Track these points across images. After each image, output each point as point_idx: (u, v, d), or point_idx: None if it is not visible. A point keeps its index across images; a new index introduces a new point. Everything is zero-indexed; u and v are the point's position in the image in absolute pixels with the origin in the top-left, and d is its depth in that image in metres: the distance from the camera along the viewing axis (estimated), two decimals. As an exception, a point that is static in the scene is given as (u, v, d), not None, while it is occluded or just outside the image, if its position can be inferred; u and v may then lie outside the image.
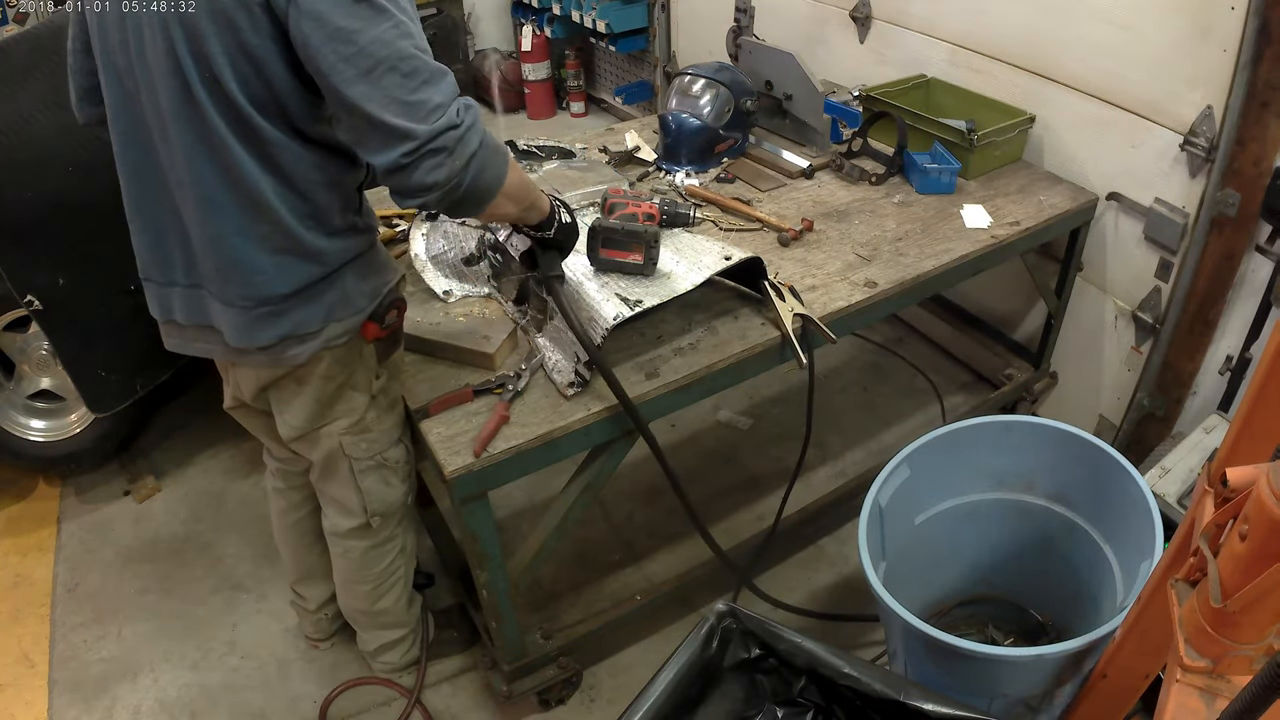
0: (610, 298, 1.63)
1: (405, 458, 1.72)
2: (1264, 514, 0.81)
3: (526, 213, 1.41)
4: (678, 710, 1.31)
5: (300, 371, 1.47)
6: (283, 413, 1.56)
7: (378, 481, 1.69)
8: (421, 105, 1.13)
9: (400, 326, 1.58)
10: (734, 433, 2.80)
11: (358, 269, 1.43)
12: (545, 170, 2.11)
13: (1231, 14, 1.84)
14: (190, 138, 1.22)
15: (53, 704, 2.11)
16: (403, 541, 1.87)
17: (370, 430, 1.60)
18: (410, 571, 1.96)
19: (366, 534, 1.77)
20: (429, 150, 1.13)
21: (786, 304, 1.78)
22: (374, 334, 1.49)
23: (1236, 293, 2.08)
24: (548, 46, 4.90)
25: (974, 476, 1.91)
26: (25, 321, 2.50)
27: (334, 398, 1.53)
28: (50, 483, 2.75)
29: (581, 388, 1.62)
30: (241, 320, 1.36)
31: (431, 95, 1.14)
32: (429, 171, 1.14)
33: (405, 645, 2.05)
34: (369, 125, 1.13)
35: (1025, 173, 2.40)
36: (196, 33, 1.14)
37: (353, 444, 1.60)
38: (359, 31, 1.10)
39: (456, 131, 1.15)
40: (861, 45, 2.91)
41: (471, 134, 1.16)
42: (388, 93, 1.12)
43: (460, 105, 1.17)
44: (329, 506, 1.78)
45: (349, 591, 1.92)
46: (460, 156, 1.16)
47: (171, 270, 1.39)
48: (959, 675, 1.59)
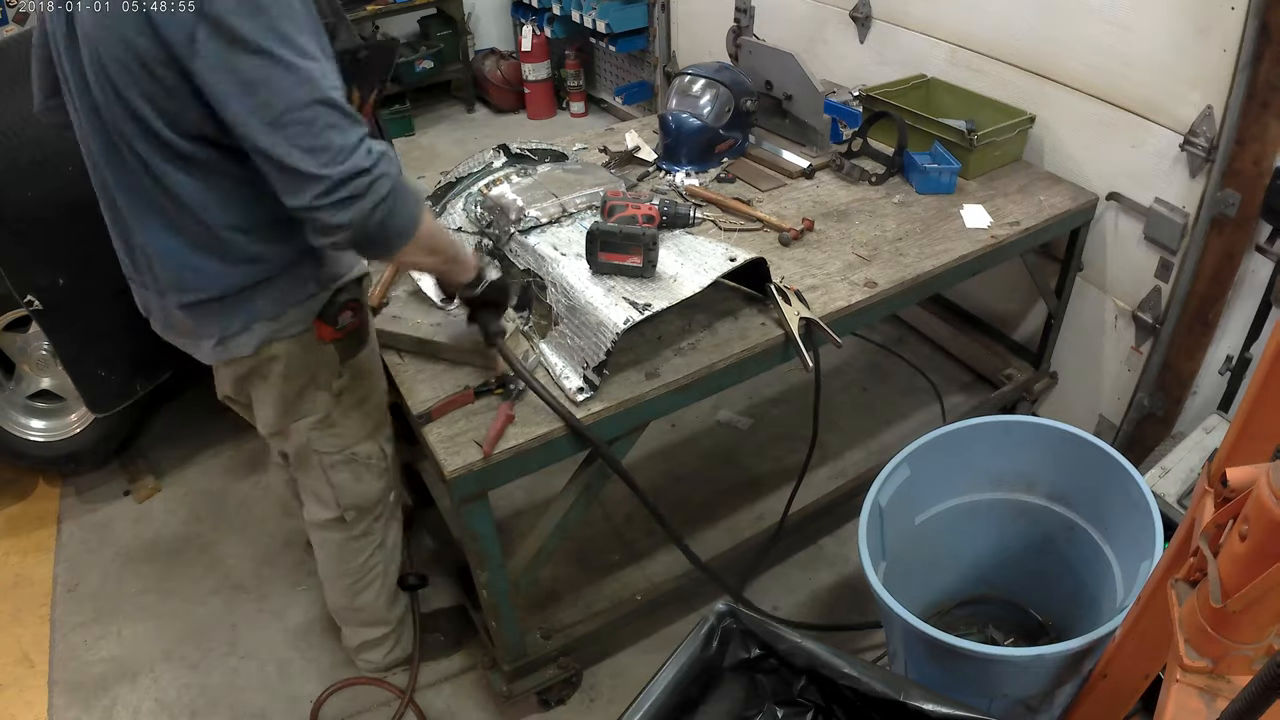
0: (618, 301, 1.63)
1: (379, 455, 1.75)
2: (1264, 514, 0.81)
3: (448, 265, 1.46)
4: (678, 710, 1.31)
5: (263, 369, 1.52)
6: (257, 409, 1.63)
7: (349, 477, 1.72)
8: (327, 149, 1.16)
9: (360, 327, 1.60)
10: (734, 433, 2.80)
11: (302, 270, 1.45)
12: (540, 174, 2.10)
13: (1231, 14, 1.84)
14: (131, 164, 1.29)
15: (53, 704, 2.11)
16: (381, 538, 1.88)
17: (336, 426, 1.64)
18: (392, 570, 1.96)
19: (342, 527, 1.81)
20: (337, 193, 1.17)
21: (792, 307, 1.78)
22: (329, 335, 1.52)
23: (1236, 293, 2.08)
24: (548, 46, 4.90)
25: (974, 476, 1.91)
26: (25, 321, 2.50)
27: (298, 396, 1.58)
28: (50, 483, 2.76)
29: (592, 394, 1.62)
30: (196, 318, 1.43)
31: (335, 139, 1.16)
32: (336, 212, 1.18)
33: (387, 645, 2.06)
34: (279, 170, 1.17)
35: (1025, 173, 2.40)
36: (113, 81, 1.21)
37: (319, 439, 1.65)
38: (261, 84, 1.13)
39: (365, 177, 1.18)
40: (861, 45, 2.91)
41: (382, 180, 1.19)
42: (293, 140, 1.15)
43: (371, 150, 1.19)
44: (306, 496, 1.81)
45: (329, 585, 1.95)
46: (369, 200, 1.19)
47: (143, 275, 1.46)
48: (959, 675, 1.59)
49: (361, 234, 1.22)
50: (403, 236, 1.28)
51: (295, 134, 1.15)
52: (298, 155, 1.15)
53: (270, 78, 1.13)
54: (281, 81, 1.14)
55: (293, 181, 1.18)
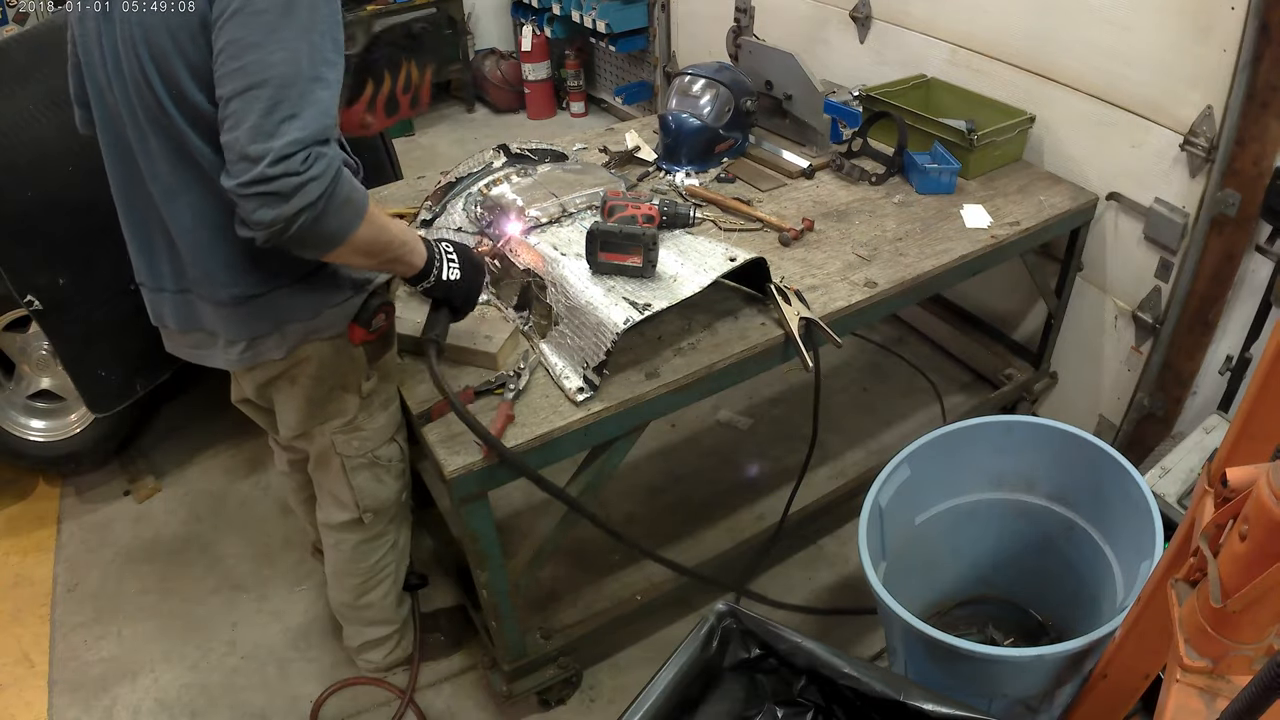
0: (618, 302, 1.63)
1: (399, 456, 1.75)
2: (1264, 514, 0.81)
3: (390, 265, 1.39)
4: (678, 710, 1.31)
5: (293, 372, 1.51)
6: (281, 413, 1.61)
7: (370, 479, 1.72)
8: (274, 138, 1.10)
9: (389, 329, 1.59)
10: (734, 433, 2.79)
11: (337, 272, 1.45)
12: (540, 174, 2.10)
13: (1231, 14, 1.84)
14: (167, 148, 1.27)
15: (53, 704, 2.11)
16: (394, 538, 1.89)
17: (362, 429, 1.64)
18: (401, 570, 1.97)
19: (359, 529, 1.81)
20: (265, 188, 1.10)
21: (792, 307, 1.78)
22: (360, 338, 1.50)
23: (1236, 293, 2.08)
24: (548, 46, 4.90)
25: (974, 476, 1.91)
26: (25, 321, 2.50)
27: (325, 399, 1.57)
28: (50, 483, 2.76)
29: (592, 394, 1.62)
30: (231, 317, 1.40)
31: (288, 132, 1.10)
32: (256, 210, 1.12)
33: (390, 644, 2.06)
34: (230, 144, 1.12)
35: (1025, 173, 2.40)
36: (161, 52, 1.19)
37: (344, 442, 1.65)
38: (251, 46, 1.11)
39: (294, 180, 1.11)
40: (861, 45, 2.91)
41: (311, 186, 1.12)
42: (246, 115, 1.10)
43: (309, 155, 1.12)
44: (324, 498, 1.81)
45: (337, 584, 1.94)
46: (293, 205, 1.12)
47: (160, 277, 1.44)
48: (959, 675, 1.59)
49: (281, 235, 1.15)
50: (331, 243, 1.22)
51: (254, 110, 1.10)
52: (248, 131, 1.10)
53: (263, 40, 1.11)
54: (269, 49, 1.11)
55: (233, 158, 1.12)
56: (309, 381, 1.53)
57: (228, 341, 1.44)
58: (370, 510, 1.76)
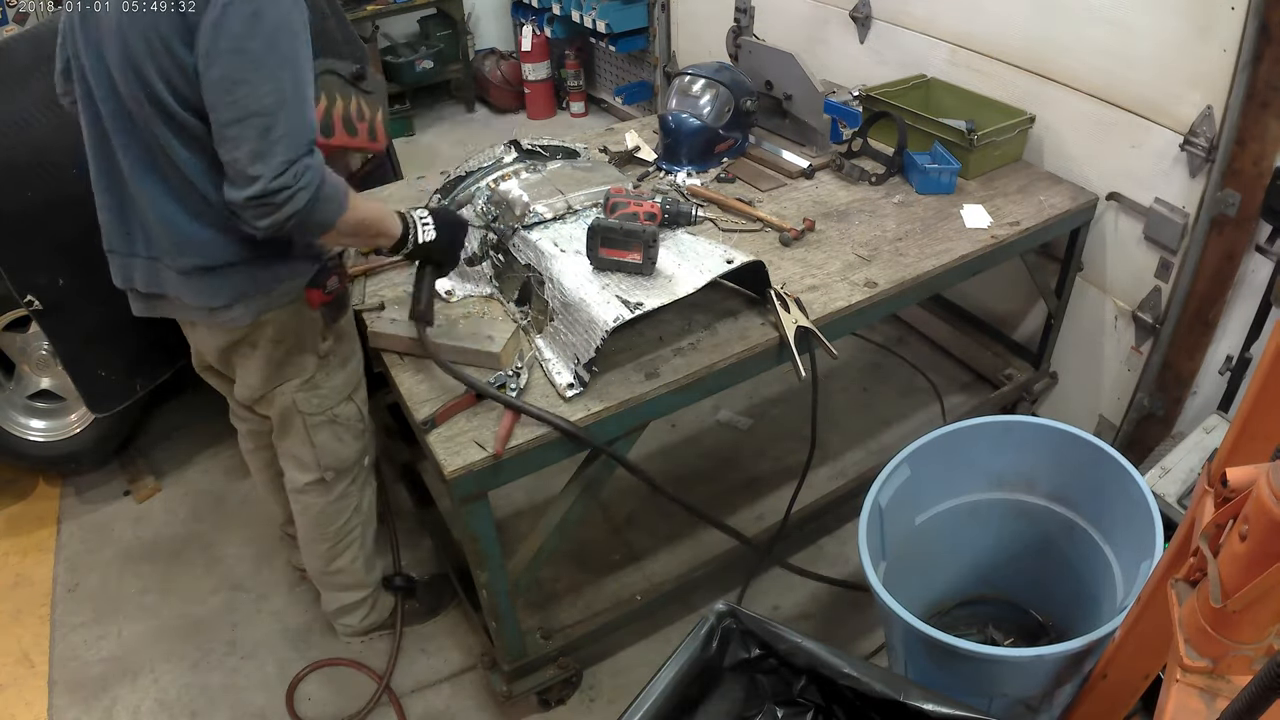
0: (610, 300, 1.63)
1: (356, 416, 1.84)
2: (1264, 514, 0.81)
3: (374, 240, 1.56)
4: (678, 710, 1.31)
5: (253, 336, 1.62)
6: (241, 376, 1.72)
7: (330, 437, 1.81)
8: (270, 158, 1.29)
9: (344, 291, 1.71)
10: (734, 433, 2.80)
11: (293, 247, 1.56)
12: (549, 170, 2.11)
13: (1231, 14, 1.84)
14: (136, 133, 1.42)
15: (53, 704, 2.11)
16: (358, 501, 1.96)
17: (320, 387, 1.74)
18: (369, 534, 2.05)
19: (323, 489, 1.88)
20: (263, 201, 1.31)
21: (790, 315, 1.78)
22: (319, 300, 1.62)
23: (1236, 293, 2.08)
24: (548, 46, 4.89)
25: (974, 476, 1.91)
26: (25, 321, 2.50)
27: (284, 360, 1.68)
28: (50, 483, 2.76)
29: (580, 390, 1.62)
30: (193, 286, 1.52)
31: (280, 152, 1.30)
32: (257, 218, 1.33)
33: (364, 608, 2.13)
34: (231, 163, 1.31)
35: (1025, 173, 2.40)
36: (134, 53, 1.33)
37: (304, 400, 1.74)
38: (241, 82, 1.28)
39: (287, 192, 1.31)
40: (861, 45, 2.91)
41: (300, 194, 1.32)
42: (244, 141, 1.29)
43: (299, 169, 1.31)
44: (287, 462, 1.88)
45: (309, 550, 2.02)
46: (285, 212, 1.32)
47: (133, 243, 1.55)
48: (959, 675, 1.59)
49: (280, 231, 1.36)
50: (321, 230, 1.42)
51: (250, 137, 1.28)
52: (246, 157, 1.28)
53: (250, 77, 1.27)
54: (255, 85, 1.28)
55: (235, 178, 1.31)
56: (269, 345, 1.63)
57: (194, 308, 1.56)
58: (331, 469, 1.84)
